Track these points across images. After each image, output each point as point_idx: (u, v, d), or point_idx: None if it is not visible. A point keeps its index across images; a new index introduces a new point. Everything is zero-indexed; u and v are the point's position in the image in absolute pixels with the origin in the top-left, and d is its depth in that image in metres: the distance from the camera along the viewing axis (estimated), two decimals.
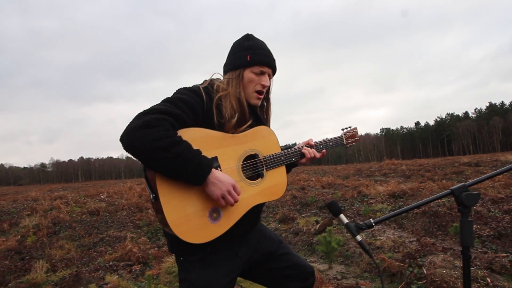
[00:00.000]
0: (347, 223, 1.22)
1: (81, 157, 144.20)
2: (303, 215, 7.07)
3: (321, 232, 4.74)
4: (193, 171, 1.18)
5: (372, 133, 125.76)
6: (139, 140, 1.12)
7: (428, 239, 4.33)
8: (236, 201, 1.29)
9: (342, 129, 1.88)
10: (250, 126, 1.48)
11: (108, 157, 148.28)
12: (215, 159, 1.31)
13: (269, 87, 1.57)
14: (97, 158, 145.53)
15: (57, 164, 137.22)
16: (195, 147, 1.22)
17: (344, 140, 1.84)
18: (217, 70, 1.54)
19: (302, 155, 1.62)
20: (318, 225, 5.06)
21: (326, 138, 1.77)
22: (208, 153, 1.26)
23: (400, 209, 1.21)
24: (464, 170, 16.04)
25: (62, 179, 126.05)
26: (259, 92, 1.50)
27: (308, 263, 1.70)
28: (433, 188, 9.33)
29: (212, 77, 1.51)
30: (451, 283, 2.70)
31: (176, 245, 1.38)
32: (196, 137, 1.25)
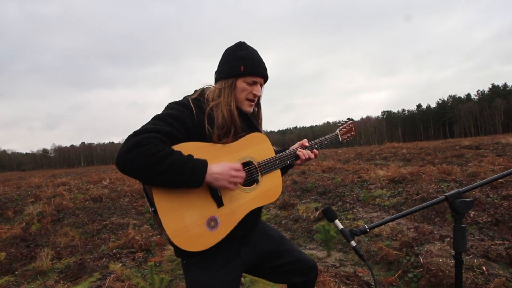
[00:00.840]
0: (342, 228, 1.24)
1: (83, 142, 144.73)
2: (303, 201, 7.13)
3: (320, 220, 4.80)
4: (190, 175, 1.20)
5: (373, 116, 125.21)
6: (131, 162, 1.15)
7: (427, 226, 4.39)
8: (243, 178, 1.33)
9: (338, 125, 1.89)
10: (243, 131, 1.49)
11: (109, 142, 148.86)
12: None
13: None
14: (99, 143, 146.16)
15: (59, 150, 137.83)
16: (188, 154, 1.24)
17: (340, 137, 1.84)
18: (216, 53, 1.54)
19: (297, 156, 1.62)
20: (317, 212, 5.12)
21: (321, 138, 1.78)
22: None
23: (395, 215, 1.23)
24: (465, 153, 16.08)
25: (65, 164, 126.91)
26: (250, 100, 1.51)
27: (310, 257, 1.73)
28: (432, 172, 9.36)
29: (203, 87, 1.51)
30: (447, 271, 2.76)
31: (179, 250, 1.41)
32: (189, 150, 1.25)
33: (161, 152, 1.16)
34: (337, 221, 1.26)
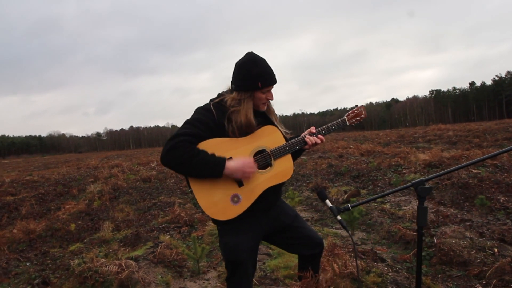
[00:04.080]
0: (330, 206, 1.60)
1: (131, 126, 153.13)
2: (336, 184, 7.40)
3: (348, 202, 5.09)
4: (212, 169, 1.65)
5: (420, 96, 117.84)
6: (170, 161, 1.64)
7: (452, 210, 4.53)
8: (253, 171, 1.72)
9: (347, 111, 2.13)
10: (259, 126, 1.84)
11: (155, 125, 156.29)
12: (230, 158, 1.73)
13: None
14: (146, 127, 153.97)
15: (111, 133, 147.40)
16: (212, 152, 1.67)
17: (347, 121, 2.05)
18: (255, 38, 1.88)
19: (305, 142, 1.93)
20: (346, 195, 5.40)
21: (328, 124, 2.03)
22: (224, 155, 1.70)
23: (374, 196, 1.56)
24: None
25: (116, 146, 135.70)
26: (265, 103, 1.88)
27: (318, 235, 2.09)
28: (476, 157, 9.07)
29: (224, 91, 1.90)
30: (457, 251, 2.99)
31: (213, 219, 1.87)
32: (212, 145, 1.69)
33: (190, 153, 1.62)
34: (327, 201, 1.62)
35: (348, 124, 2.07)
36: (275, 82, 1.85)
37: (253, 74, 1.77)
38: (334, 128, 2.02)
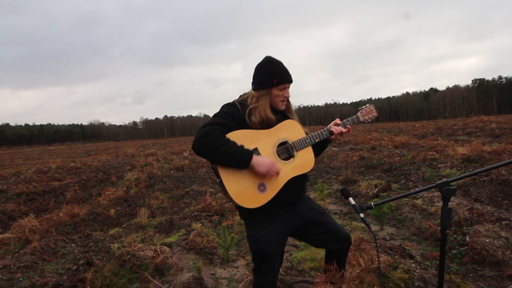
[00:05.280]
0: (353, 204, 1.64)
1: (165, 116, 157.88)
2: (366, 178, 7.29)
3: (378, 196, 5.03)
4: (239, 159, 1.75)
5: (461, 85, 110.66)
6: (202, 146, 1.74)
7: (489, 208, 4.35)
8: (277, 172, 1.82)
9: (359, 109, 2.21)
10: (279, 121, 1.97)
11: (188, 115, 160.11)
12: (256, 149, 1.85)
13: None
14: (179, 116, 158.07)
15: (146, 122, 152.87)
16: (239, 143, 1.78)
17: (361, 118, 2.17)
18: (287, 28, 2.00)
19: (331, 132, 2.04)
20: (376, 189, 5.32)
21: (344, 120, 2.12)
22: (250, 146, 1.82)
23: (396, 196, 1.58)
24: None
25: (151, 135, 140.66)
26: (283, 101, 1.99)
27: (345, 230, 2.16)
28: None
29: (245, 93, 2.04)
30: (491, 251, 2.91)
31: (243, 213, 1.99)
32: (240, 136, 1.80)
33: (220, 140, 1.73)
34: (350, 199, 1.66)
35: (361, 120, 2.18)
36: (290, 80, 1.98)
37: (269, 72, 1.92)
38: (349, 123, 2.13)
